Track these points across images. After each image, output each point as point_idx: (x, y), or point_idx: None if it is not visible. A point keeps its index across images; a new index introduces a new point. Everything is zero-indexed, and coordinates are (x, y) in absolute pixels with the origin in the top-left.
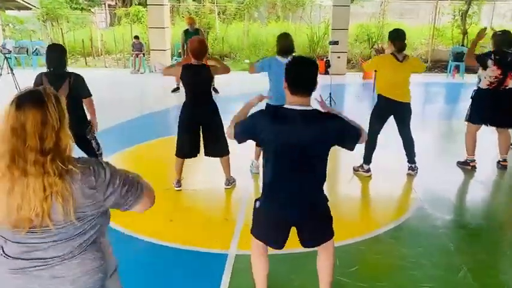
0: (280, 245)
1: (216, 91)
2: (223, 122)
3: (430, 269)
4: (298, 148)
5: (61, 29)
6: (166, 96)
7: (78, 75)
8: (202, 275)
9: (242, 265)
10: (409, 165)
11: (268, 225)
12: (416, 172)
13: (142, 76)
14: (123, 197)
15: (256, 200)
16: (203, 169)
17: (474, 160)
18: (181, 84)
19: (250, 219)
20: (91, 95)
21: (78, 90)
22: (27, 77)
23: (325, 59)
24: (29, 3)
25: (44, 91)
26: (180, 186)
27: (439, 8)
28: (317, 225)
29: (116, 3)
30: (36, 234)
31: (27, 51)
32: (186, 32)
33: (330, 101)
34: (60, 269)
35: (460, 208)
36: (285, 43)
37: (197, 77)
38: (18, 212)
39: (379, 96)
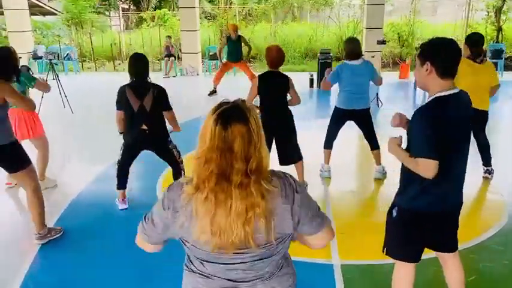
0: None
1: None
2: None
3: None
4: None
5: (89, 33)
6: (204, 100)
7: (161, 87)
8: (315, 286)
9: (351, 275)
10: (485, 168)
11: (419, 231)
12: (493, 175)
13: (174, 80)
14: (310, 219)
15: (393, 208)
16: None
17: None
18: (218, 88)
19: (340, 226)
20: (171, 109)
21: (161, 102)
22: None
23: None
24: (53, 9)
25: (243, 105)
26: None
27: (472, 5)
28: (457, 222)
29: (129, 7)
30: (237, 255)
31: (58, 57)
32: (228, 38)
33: (377, 101)
34: None
35: None
36: (353, 47)
37: (273, 84)
38: (221, 235)
39: None
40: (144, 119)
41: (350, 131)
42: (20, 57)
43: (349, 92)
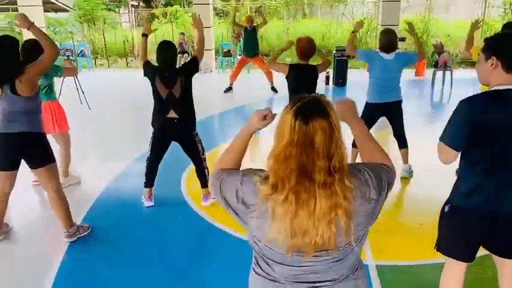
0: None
1: (275, 90)
2: None
3: None
4: None
5: (102, 30)
6: (220, 97)
7: (186, 65)
8: None
9: (386, 276)
10: None
11: (470, 229)
12: None
13: None
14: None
15: (446, 204)
16: None
17: None
18: (234, 84)
19: (381, 227)
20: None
21: (190, 89)
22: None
23: None
24: (65, 5)
25: (323, 99)
26: None
27: (489, 2)
28: None
29: (139, 4)
30: (315, 257)
31: (72, 53)
32: (245, 30)
33: None
34: None
35: None
36: (389, 38)
37: (303, 77)
38: (303, 236)
39: None
40: (174, 106)
41: (374, 130)
42: None
43: (379, 85)
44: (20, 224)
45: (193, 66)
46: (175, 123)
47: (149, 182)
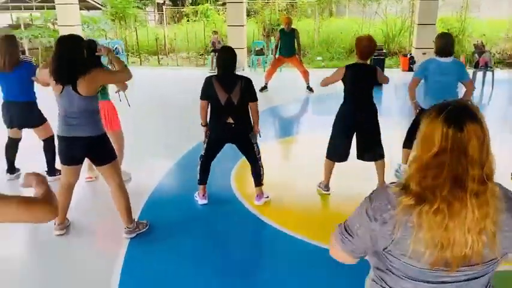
0: None
1: (311, 90)
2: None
3: None
4: None
5: (135, 28)
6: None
7: (249, 79)
8: None
9: None
10: None
11: None
12: None
13: None
14: None
15: None
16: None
17: None
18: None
19: None
20: (257, 100)
21: (248, 94)
22: None
23: (408, 55)
24: (98, 3)
25: (472, 105)
26: (328, 190)
27: None
28: None
29: (164, 2)
30: (456, 271)
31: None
32: (281, 31)
33: None
34: None
35: None
36: (446, 42)
37: (362, 78)
38: (452, 248)
39: None
40: (231, 112)
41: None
42: None
43: (435, 89)
44: (78, 219)
45: (251, 89)
46: (232, 128)
47: (203, 179)
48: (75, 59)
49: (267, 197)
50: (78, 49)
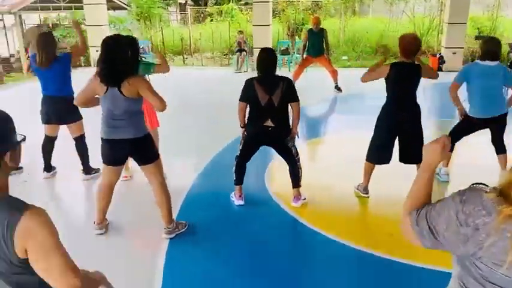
0: None
1: (339, 89)
2: None
3: None
4: None
5: (161, 27)
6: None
7: (290, 80)
8: None
9: None
10: None
11: None
12: None
13: (246, 75)
14: None
15: None
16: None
17: None
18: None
19: None
20: (299, 100)
21: (290, 95)
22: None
23: (438, 55)
24: (124, 3)
25: None
26: (367, 193)
27: None
28: None
29: (186, 2)
30: None
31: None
32: (310, 31)
33: None
34: None
35: None
36: (491, 45)
37: (407, 77)
38: None
39: None
40: (271, 114)
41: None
42: (97, 51)
43: (480, 94)
44: (115, 219)
45: (292, 90)
46: (269, 131)
47: (239, 179)
48: (121, 60)
49: (304, 198)
50: (123, 50)
